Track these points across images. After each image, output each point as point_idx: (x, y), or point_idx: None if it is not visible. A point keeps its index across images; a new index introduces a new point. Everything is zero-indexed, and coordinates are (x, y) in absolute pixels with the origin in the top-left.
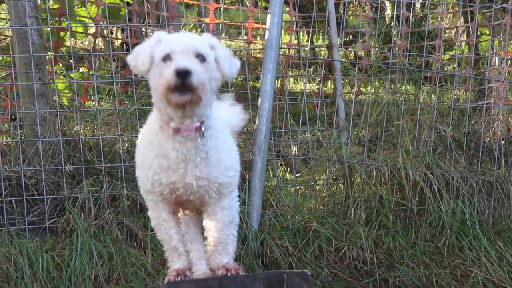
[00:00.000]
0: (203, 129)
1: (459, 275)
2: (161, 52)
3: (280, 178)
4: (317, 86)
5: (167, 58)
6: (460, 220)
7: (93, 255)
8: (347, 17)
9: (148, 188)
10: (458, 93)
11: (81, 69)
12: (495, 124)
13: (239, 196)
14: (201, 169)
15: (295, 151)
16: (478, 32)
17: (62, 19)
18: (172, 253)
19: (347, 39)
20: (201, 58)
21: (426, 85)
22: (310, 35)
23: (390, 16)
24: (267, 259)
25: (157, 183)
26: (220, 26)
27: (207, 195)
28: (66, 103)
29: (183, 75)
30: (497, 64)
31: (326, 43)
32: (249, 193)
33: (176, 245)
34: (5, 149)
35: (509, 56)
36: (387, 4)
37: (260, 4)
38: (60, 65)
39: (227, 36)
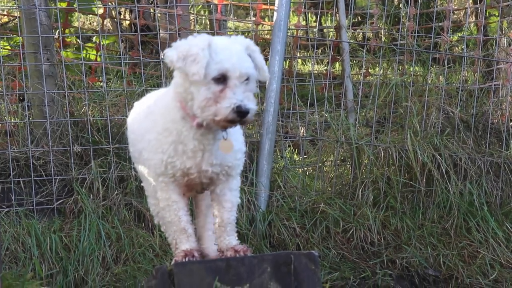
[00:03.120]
0: None
1: (466, 256)
2: (214, 70)
3: (288, 159)
4: (325, 68)
5: (220, 80)
6: (468, 201)
7: (101, 235)
8: None
9: (161, 171)
10: (466, 74)
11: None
12: (503, 106)
13: (246, 177)
14: (216, 156)
15: (303, 132)
16: (487, 14)
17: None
18: (180, 235)
19: (356, 20)
20: (248, 80)
21: (434, 66)
22: (319, 16)
23: None
24: (274, 240)
25: (171, 166)
26: (229, 7)
27: (216, 177)
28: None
29: (243, 115)
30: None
31: (335, 24)
32: (257, 174)
33: (185, 226)
34: (13, 130)
35: None
36: None
37: None
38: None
39: (235, 17)
